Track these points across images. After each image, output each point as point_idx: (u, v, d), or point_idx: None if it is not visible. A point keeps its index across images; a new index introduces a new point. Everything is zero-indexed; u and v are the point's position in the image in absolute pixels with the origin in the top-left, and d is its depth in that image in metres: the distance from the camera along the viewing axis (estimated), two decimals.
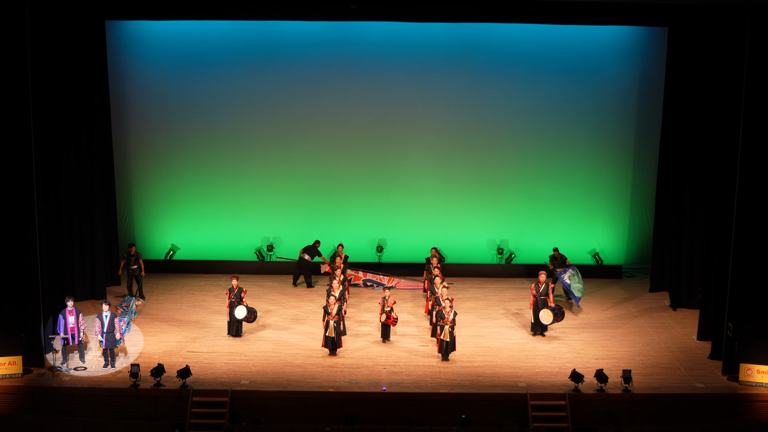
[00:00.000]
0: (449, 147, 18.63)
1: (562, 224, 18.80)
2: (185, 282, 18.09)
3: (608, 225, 18.96)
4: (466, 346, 14.50)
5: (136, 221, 18.90)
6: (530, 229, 18.85)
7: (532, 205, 18.76)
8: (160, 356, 13.93)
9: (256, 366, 13.68)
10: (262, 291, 17.55)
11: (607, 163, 18.67)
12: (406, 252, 18.87)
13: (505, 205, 18.79)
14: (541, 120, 18.49)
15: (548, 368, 13.73)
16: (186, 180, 18.71)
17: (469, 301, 17.11)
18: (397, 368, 13.65)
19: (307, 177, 18.71)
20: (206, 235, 18.85)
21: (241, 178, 18.58)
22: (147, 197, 18.82)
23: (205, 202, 18.71)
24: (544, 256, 18.61)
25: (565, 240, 18.72)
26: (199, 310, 16.36)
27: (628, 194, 18.88)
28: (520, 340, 15.00)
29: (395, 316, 14.70)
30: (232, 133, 18.57)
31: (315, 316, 15.99)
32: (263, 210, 18.77)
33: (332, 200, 18.79)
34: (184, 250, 18.95)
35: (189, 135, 18.58)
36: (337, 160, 18.60)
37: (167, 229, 18.90)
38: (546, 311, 14.98)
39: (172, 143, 18.61)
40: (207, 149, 18.54)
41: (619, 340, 15.07)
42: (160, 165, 18.71)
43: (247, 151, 18.54)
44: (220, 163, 18.56)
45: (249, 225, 18.85)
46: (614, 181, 18.72)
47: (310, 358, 14.02)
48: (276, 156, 18.55)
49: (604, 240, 18.92)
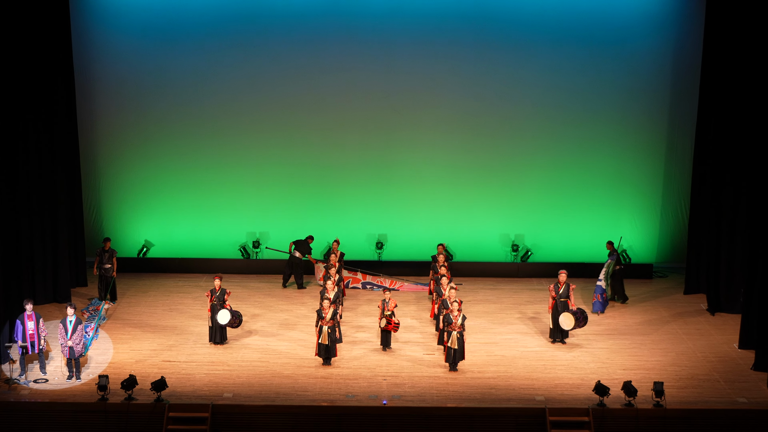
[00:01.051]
0: (457, 131, 18.63)
1: (584, 218, 18.81)
2: (161, 283, 18.13)
3: (637, 219, 18.95)
4: (476, 355, 14.49)
5: (105, 214, 18.89)
6: (549, 223, 18.88)
7: (551, 196, 18.79)
8: (132, 366, 13.92)
9: (240, 377, 13.66)
10: (248, 293, 17.59)
11: (636, 148, 18.63)
12: (408, 249, 18.88)
13: (521, 196, 18.82)
14: (561, 100, 18.44)
15: (569, 380, 13.70)
16: (162, 168, 18.71)
17: (480, 304, 17.12)
18: (399, 379, 13.64)
19: (298, 165, 18.72)
20: (184, 230, 18.92)
21: (224, 165, 18.64)
22: (117, 187, 18.80)
23: (183, 192, 18.78)
24: (564, 252, 18.62)
25: (588, 235, 18.73)
26: (177, 315, 16.36)
27: (660, 184, 18.84)
28: (537, 347, 14.98)
29: (396, 321, 14.66)
30: (214, 115, 18.55)
31: (307, 321, 16.01)
32: (249, 202, 18.85)
33: (326, 191, 18.82)
34: (160, 247, 18.97)
35: (165, 117, 18.54)
36: (331, 146, 18.62)
37: (140, 223, 18.91)
38: (567, 315, 14.91)
39: (145, 126, 18.58)
40: (185, 133, 18.60)
41: (649, 348, 15.06)
42: (132, 151, 18.67)
43: (231, 136, 18.62)
44: (200, 149, 18.63)
45: (233, 219, 18.91)
46: (644, 169, 18.72)
47: (302, 368, 14.01)
48: (263, 141, 18.61)
49: (633, 235, 18.87)
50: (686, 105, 18.22)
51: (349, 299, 17.26)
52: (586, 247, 18.62)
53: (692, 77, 17.82)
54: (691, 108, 17.95)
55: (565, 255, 18.64)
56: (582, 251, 18.80)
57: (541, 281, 18.31)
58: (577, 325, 14.97)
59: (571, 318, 14.86)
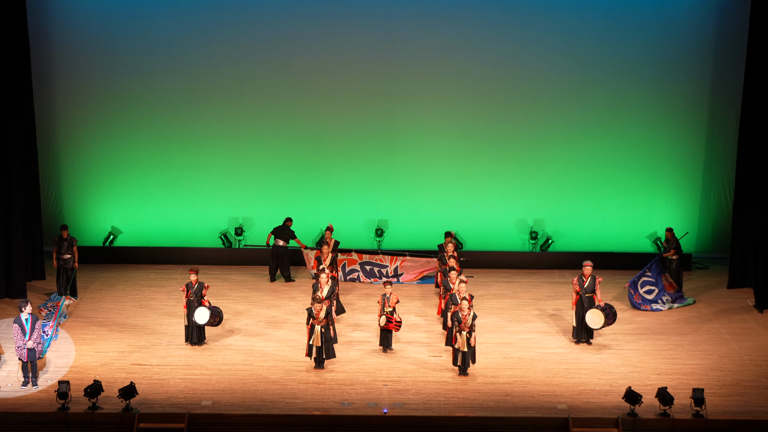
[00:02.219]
0: (468, 100, 18.61)
1: (614, 201, 18.85)
2: (130, 275, 18.18)
3: (674, 202, 18.98)
4: (490, 357, 14.48)
5: (66, 197, 18.89)
6: (573, 206, 18.95)
7: (576, 175, 18.83)
8: (97, 371, 13.89)
9: (221, 382, 13.64)
10: (230, 287, 17.62)
11: (673, 122, 18.63)
12: (412, 236, 18.95)
13: (541, 176, 18.84)
14: (588, 63, 18.39)
15: (596, 386, 13.67)
16: (131, 143, 18.73)
17: (494, 300, 17.13)
18: (402, 385, 13.61)
19: (286, 141, 18.75)
20: (157, 215, 18.98)
21: (203, 140, 18.76)
22: (80, 165, 18.80)
23: (155, 172, 18.83)
24: (590, 241, 18.65)
25: (618, 221, 18.77)
26: (148, 312, 16.36)
27: (701, 163, 18.82)
28: (559, 349, 14.95)
29: (398, 319, 14.63)
30: (190, 82, 18.53)
31: (297, 319, 15.98)
32: (231, 182, 18.93)
33: (319, 170, 18.87)
34: (128, 235, 19.05)
35: (135, 85, 18.53)
36: (325, 118, 18.66)
37: (106, 207, 18.94)
38: (595, 312, 14.82)
39: (112, 96, 18.57)
40: (158, 103, 18.63)
41: (687, 349, 15.04)
42: (96, 124, 18.66)
43: (210, 107, 18.66)
44: (174, 121, 18.68)
45: (212, 202, 18.97)
46: (683, 146, 18.74)
47: (291, 372, 13.99)
48: (247, 113, 18.65)
49: (669, 221, 18.86)
50: (732, 74, 18.15)
51: (345, 293, 17.24)
52: (615, 234, 18.65)
53: (738, 40, 17.76)
54: (736, 76, 17.88)
55: (591, 243, 18.68)
56: (610, 239, 18.84)
57: (564, 273, 18.37)
58: (606, 323, 14.91)
59: (600, 315, 14.78)
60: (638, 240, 18.85)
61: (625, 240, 18.42)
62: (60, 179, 18.80)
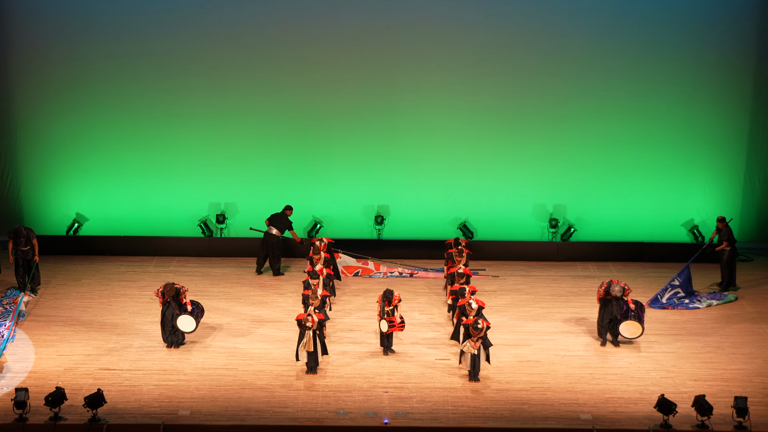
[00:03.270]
0: (480, 72, 18.61)
1: (645, 185, 18.92)
2: (97, 268, 18.19)
3: (713, 187, 19.02)
4: (504, 360, 14.49)
5: (24, 180, 18.91)
6: (598, 191, 19.03)
7: (602, 156, 18.91)
8: (60, 376, 13.88)
9: (200, 389, 13.68)
10: (210, 281, 17.66)
11: (713, 96, 18.66)
12: (416, 225, 19.02)
13: (563, 157, 18.90)
14: (615, 33, 18.42)
15: (624, 393, 13.66)
16: (98, 120, 18.74)
17: (509, 296, 17.13)
18: (405, 392, 13.64)
19: (275, 117, 18.81)
20: (127, 201, 19.04)
21: (180, 117, 18.81)
22: (39, 145, 18.82)
23: (126, 152, 18.87)
24: (618, 229, 18.69)
25: (650, 208, 18.83)
26: (118, 309, 16.37)
27: (744, 142, 18.87)
28: (582, 351, 14.96)
29: (400, 320, 14.62)
30: (168, 51, 18.55)
31: (287, 317, 16.03)
32: (212, 164, 19.00)
33: (312, 151, 18.93)
34: (95, 223, 19.08)
35: (103, 53, 18.54)
36: (318, 93, 18.72)
37: (70, 191, 18.98)
38: (631, 324, 14.70)
39: (77, 65, 18.55)
40: (130, 75, 18.65)
41: (728, 352, 15.00)
42: (59, 97, 18.66)
43: (190, 79, 18.71)
44: (149, 95, 18.72)
45: (191, 185, 19.04)
46: (723, 123, 18.76)
47: (280, 377, 14.02)
48: (231, 86, 18.70)
49: (707, 208, 18.98)
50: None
51: (340, 289, 17.21)
52: (645, 222, 18.67)
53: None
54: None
55: (619, 232, 18.72)
56: (640, 228, 18.89)
57: (587, 266, 18.45)
58: (642, 329, 14.81)
59: (636, 326, 14.72)
60: (672, 228, 18.87)
61: (658, 229, 18.45)
62: (17, 160, 18.78)
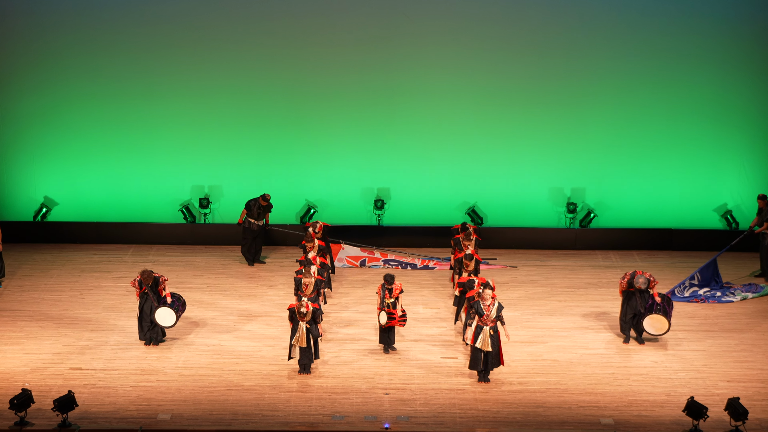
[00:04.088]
0: (490, 43, 18.61)
1: (673, 165, 18.93)
2: (67, 257, 18.20)
3: (748, 168, 19.06)
4: (517, 359, 14.44)
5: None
6: (621, 172, 19.05)
7: (625, 134, 18.94)
8: (27, 377, 13.84)
9: (182, 391, 13.59)
10: (193, 272, 17.72)
11: (746, 70, 18.66)
12: (419, 210, 19.05)
13: (581, 136, 18.95)
14: (638, 3, 18.37)
15: (650, 395, 13.60)
16: (69, 96, 18.78)
17: (522, 288, 17.12)
18: (408, 393, 13.58)
19: (264, 92, 18.85)
20: (101, 184, 19.05)
21: (159, 92, 18.84)
22: (4, 123, 18.80)
23: (98, 131, 18.89)
24: (642, 214, 18.71)
25: (678, 191, 18.88)
26: (90, 303, 16.31)
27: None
28: (603, 349, 14.94)
29: (401, 314, 14.58)
30: (142, 22, 18.53)
31: (277, 311, 15.96)
32: (195, 144, 19.03)
33: (305, 129, 18.98)
34: (65, 207, 19.11)
35: (76, 24, 18.52)
36: (312, 67, 18.78)
37: (37, 173, 19.00)
38: (657, 318, 14.66)
39: (46, 36, 18.54)
40: (101, 48, 18.64)
41: (765, 350, 15.03)
42: (26, 72, 18.66)
43: (168, 52, 18.68)
44: (124, 66, 18.69)
45: (172, 168, 19.06)
46: (759, 98, 18.76)
47: (269, 377, 13.95)
48: (216, 60, 18.73)
49: (742, 191, 19.04)
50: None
51: (336, 279, 17.23)
52: (673, 206, 18.71)
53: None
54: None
55: (644, 218, 18.75)
56: (668, 213, 18.94)
57: (609, 255, 18.49)
58: (669, 325, 14.75)
59: (662, 321, 14.66)
60: (703, 214, 18.88)
61: (687, 214, 18.50)
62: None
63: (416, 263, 17.88)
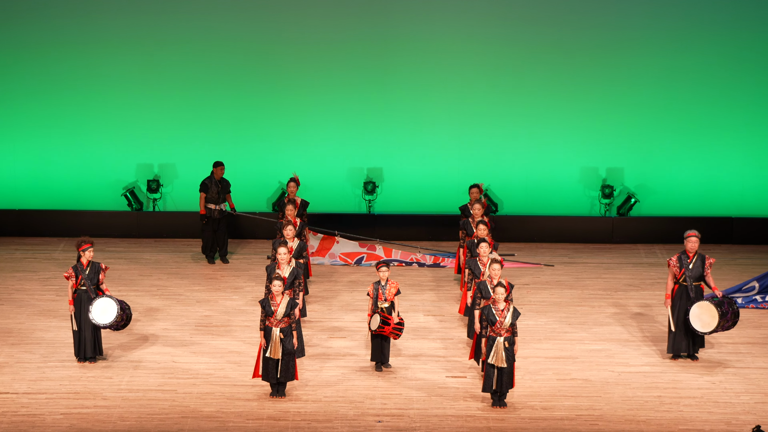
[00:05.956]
0: (509, 6, 18.85)
1: (731, 142, 19.08)
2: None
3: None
4: (540, 379, 14.58)
5: None
6: (667, 151, 19.25)
7: (673, 105, 19.04)
8: None
9: (126, 419, 13.65)
10: (140, 270, 17.91)
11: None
12: (417, 194, 19.25)
13: (618, 107, 19.11)
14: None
15: (705, 423, 13.69)
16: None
17: (547, 291, 17.26)
18: (405, 421, 13.64)
19: (229, 51, 19.08)
20: (25, 165, 19.23)
21: (98, 54, 19.09)
22: None
23: (22, 101, 19.10)
24: (694, 201, 19.02)
25: (736, 174, 19.11)
26: (14, 309, 16.47)
27: None
28: (646, 366, 15.04)
29: (397, 320, 14.59)
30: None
31: (243, 320, 16.07)
32: (141, 116, 19.21)
33: (279, 98, 19.18)
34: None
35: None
36: (287, 24, 18.95)
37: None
38: (704, 306, 14.74)
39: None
40: (27, 6, 18.81)
41: None
42: None
43: (108, 6, 18.80)
44: (58, 26, 18.87)
45: (112, 144, 19.26)
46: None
47: (234, 400, 14.03)
48: (169, 10, 18.82)
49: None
50: None
51: (321, 280, 17.32)
52: (731, 192, 18.92)
53: None
54: None
55: (695, 205, 18.96)
56: (725, 199, 19.12)
57: (653, 249, 18.68)
58: (721, 325, 14.81)
59: (713, 311, 14.66)
60: (755, 201, 19.11)
61: (750, 200, 18.72)
62: None
63: (426, 261, 18.00)
